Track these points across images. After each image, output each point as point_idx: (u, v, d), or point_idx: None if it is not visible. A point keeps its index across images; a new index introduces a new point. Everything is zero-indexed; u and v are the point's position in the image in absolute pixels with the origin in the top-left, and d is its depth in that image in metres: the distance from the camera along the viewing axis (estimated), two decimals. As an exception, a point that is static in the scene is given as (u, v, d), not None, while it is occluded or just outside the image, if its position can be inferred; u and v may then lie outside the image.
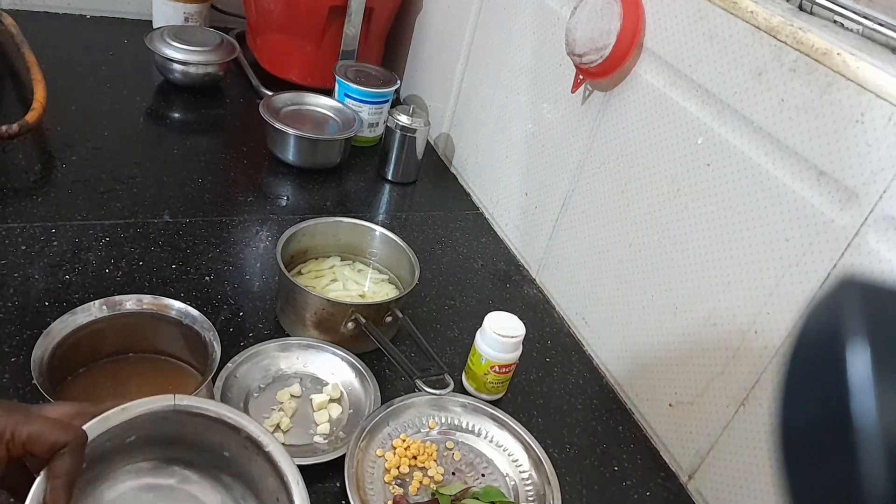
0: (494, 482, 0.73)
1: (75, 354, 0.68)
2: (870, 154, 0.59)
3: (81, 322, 0.67)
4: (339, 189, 1.13)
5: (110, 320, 0.69)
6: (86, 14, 1.38)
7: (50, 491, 0.43)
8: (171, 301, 0.71)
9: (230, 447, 0.53)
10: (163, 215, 0.95)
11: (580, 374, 0.90)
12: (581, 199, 0.93)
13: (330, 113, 1.19)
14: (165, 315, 0.71)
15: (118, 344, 0.71)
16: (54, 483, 0.43)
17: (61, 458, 0.43)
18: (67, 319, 0.67)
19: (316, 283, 0.89)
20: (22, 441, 0.42)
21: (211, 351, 0.69)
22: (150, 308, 0.71)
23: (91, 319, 0.68)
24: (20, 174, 0.95)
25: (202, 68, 1.22)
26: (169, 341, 0.72)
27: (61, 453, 0.43)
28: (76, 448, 0.44)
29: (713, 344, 0.74)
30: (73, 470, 0.43)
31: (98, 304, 0.69)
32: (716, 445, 0.74)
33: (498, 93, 1.11)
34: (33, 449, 0.42)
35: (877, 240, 0.59)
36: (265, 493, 0.54)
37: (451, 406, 0.78)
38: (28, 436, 0.42)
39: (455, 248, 1.07)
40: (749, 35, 0.68)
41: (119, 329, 0.70)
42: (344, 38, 1.26)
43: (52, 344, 0.65)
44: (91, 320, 0.68)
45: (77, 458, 0.44)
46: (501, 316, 0.80)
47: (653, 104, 0.80)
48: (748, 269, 0.70)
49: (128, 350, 0.72)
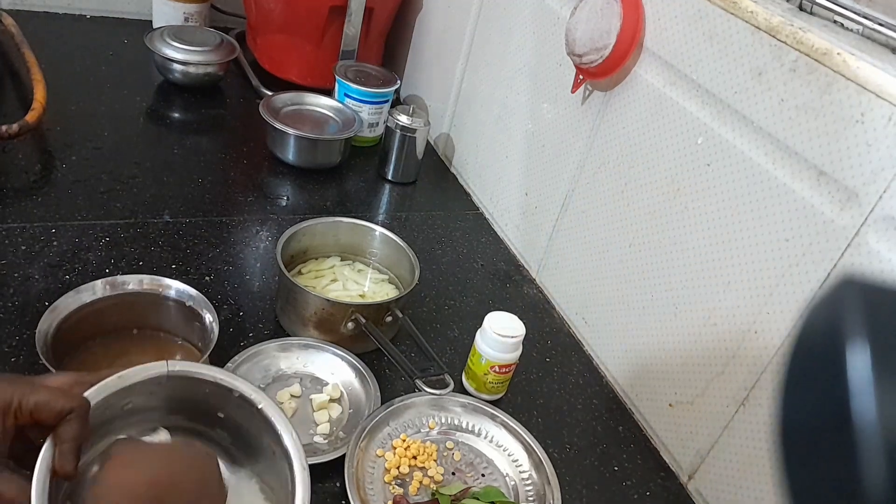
0: (494, 482, 0.73)
1: (78, 331, 0.70)
2: (870, 154, 0.59)
3: (86, 300, 0.70)
4: (339, 189, 1.13)
5: (113, 299, 0.72)
6: (86, 14, 1.38)
7: (58, 455, 0.45)
8: (170, 281, 0.74)
9: (224, 408, 0.55)
10: (163, 215, 0.95)
11: (580, 374, 0.90)
12: (581, 199, 0.93)
13: (330, 113, 1.19)
14: (165, 294, 0.74)
15: (120, 322, 0.74)
16: (62, 448, 0.45)
17: (68, 424, 0.45)
18: (72, 297, 0.69)
19: (316, 283, 0.89)
20: (29, 409, 0.44)
21: (209, 328, 0.71)
22: (151, 288, 0.73)
23: (95, 298, 0.71)
24: (20, 174, 0.95)
25: (202, 68, 1.22)
26: (169, 320, 0.75)
27: (67, 419, 0.45)
28: (81, 414, 0.46)
29: (713, 344, 0.74)
30: (79, 435, 0.45)
31: (102, 283, 0.71)
32: (716, 445, 0.74)
33: (498, 93, 1.11)
34: (40, 417, 0.44)
35: (877, 240, 0.59)
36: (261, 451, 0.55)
37: (451, 406, 0.78)
38: (35, 404, 0.44)
39: (455, 248, 1.07)
40: (749, 35, 0.68)
41: (121, 308, 0.73)
42: (344, 38, 1.26)
43: (56, 319, 0.68)
44: (95, 298, 0.71)
45: (82, 423, 0.46)
46: (501, 316, 0.80)
47: (653, 104, 0.80)
48: (748, 269, 0.70)
49: (128, 329, 0.74)
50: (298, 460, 0.52)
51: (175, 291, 0.74)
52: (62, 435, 0.45)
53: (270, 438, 0.54)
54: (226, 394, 0.54)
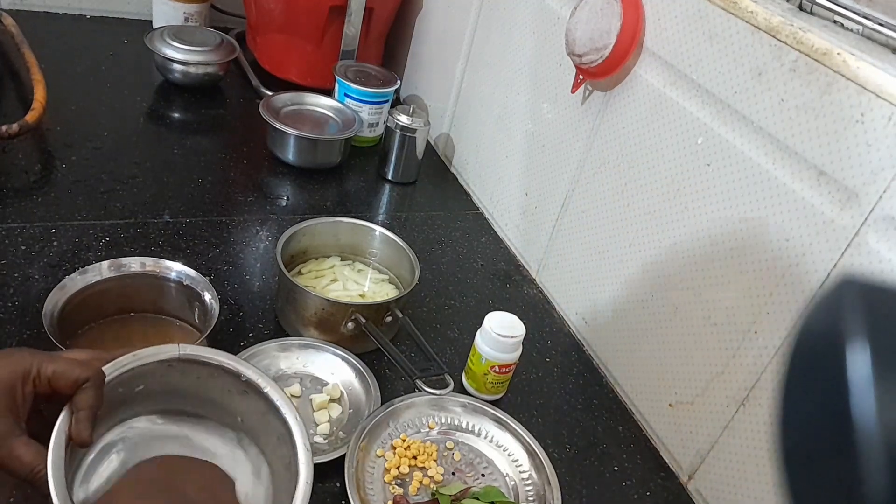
0: (494, 482, 0.73)
1: (83, 312, 0.73)
2: (870, 154, 0.59)
3: (91, 280, 0.73)
4: (339, 189, 1.13)
5: (116, 280, 0.75)
6: (86, 14, 1.38)
7: (74, 423, 0.46)
8: (171, 263, 0.76)
9: (231, 392, 0.56)
10: (163, 215, 0.95)
11: (580, 374, 0.90)
12: (581, 199, 0.93)
13: (330, 113, 1.19)
14: (166, 276, 0.76)
15: (123, 304, 0.76)
16: (78, 415, 0.47)
17: (84, 393, 0.47)
18: (78, 277, 0.72)
19: (316, 283, 0.89)
20: (47, 377, 0.46)
21: (209, 309, 0.73)
22: (153, 270, 0.76)
23: (100, 279, 0.73)
24: (20, 174, 0.95)
25: (202, 68, 1.22)
26: (170, 301, 0.77)
27: (83, 388, 0.47)
28: (97, 383, 0.48)
29: (713, 344, 0.74)
30: (94, 403, 0.47)
31: (106, 264, 0.74)
32: (716, 445, 0.74)
33: (498, 93, 1.11)
34: (58, 385, 0.46)
35: (877, 240, 0.59)
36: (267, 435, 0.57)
37: (451, 406, 0.78)
38: (53, 373, 0.46)
39: (455, 248, 1.07)
40: (749, 35, 0.68)
41: (124, 289, 0.75)
42: (344, 38, 1.26)
43: (63, 298, 0.70)
44: (99, 279, 0.73)
45: (98, 392, 0.48)
46: (501, 316, 0.80)
47: (653, 104, 0.80)
48: (748, 269, 0.70)
49: (131, 310, 0.77)
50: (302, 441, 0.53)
51: (175, 273, 0.76)
52: (78, 403, 0.47)
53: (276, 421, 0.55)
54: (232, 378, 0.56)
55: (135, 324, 0.77)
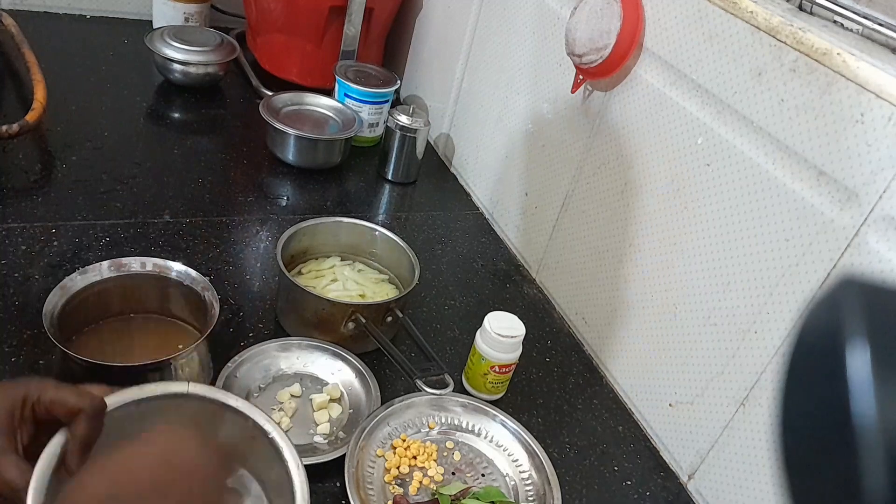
0: (494, 482, 0.73)
1: (83, 312, 0.72)
2: (870, 154, 0.59)
3: (91, 280, 0.72)
4: (339, 189, 1.13)
5: (116, 280, 0.74)
6: (86, 14, 1.38)
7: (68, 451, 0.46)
8: (171, 263, 0.76)
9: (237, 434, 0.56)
10: (163, 215, 0.95)
11: (580, 374, 0.90)
12: (581, 199, 0.93)
13: (330, 113, 1.19)
14: (166, 276, 0.76)
15: (123, 304, 0.76)
16: (71, 445, 0.46)
17: (78, 422, 0.47)
18: (78, 277, 0.71)
19: (316, 283, 0.89)
20: (46, 404, 0.46)
21: (209, 309, 0.72)
22: (153, 270, 0.76)
23: (100, 279, 0.73)
24: (20, 174, 0.95)
25: (202, 68, 1.22)
26: (170, 301, 0.77)
27: (79, 417, 0.47)
28: (93, 413, 0.47)
29: (713, 344, 0.74)
30: (87, 433, 0.47)
31: (106, 264, 0.74)
32: (716, 445, 0.74)
33: (498, 93, 1.11)
34: (55, 411, 0.46)
35: (877, 240, 0.59)
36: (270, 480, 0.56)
37: (451, 406, 0.78)
38: (51, 400, 0.46)
39: (455, 248, 1.07)
40: (749, 35, 0.68)
41: (124, 289, 0.75)
42: (344, 38, 1.26)
43: (63, 298, 0.70)
44: (99, 279, 0.73)
45: (93, 423, 0.47)
46: (501, 316, 0.80)
47: (653, 104, 0.80)
48: (748, 269, 0.70)
49: (131, 310, 0.77)
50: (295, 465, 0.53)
51: (176, 273, 0.76)
52: (72, 431, 0.47)
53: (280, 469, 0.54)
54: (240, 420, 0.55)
55: (135, 324, 0.76)
